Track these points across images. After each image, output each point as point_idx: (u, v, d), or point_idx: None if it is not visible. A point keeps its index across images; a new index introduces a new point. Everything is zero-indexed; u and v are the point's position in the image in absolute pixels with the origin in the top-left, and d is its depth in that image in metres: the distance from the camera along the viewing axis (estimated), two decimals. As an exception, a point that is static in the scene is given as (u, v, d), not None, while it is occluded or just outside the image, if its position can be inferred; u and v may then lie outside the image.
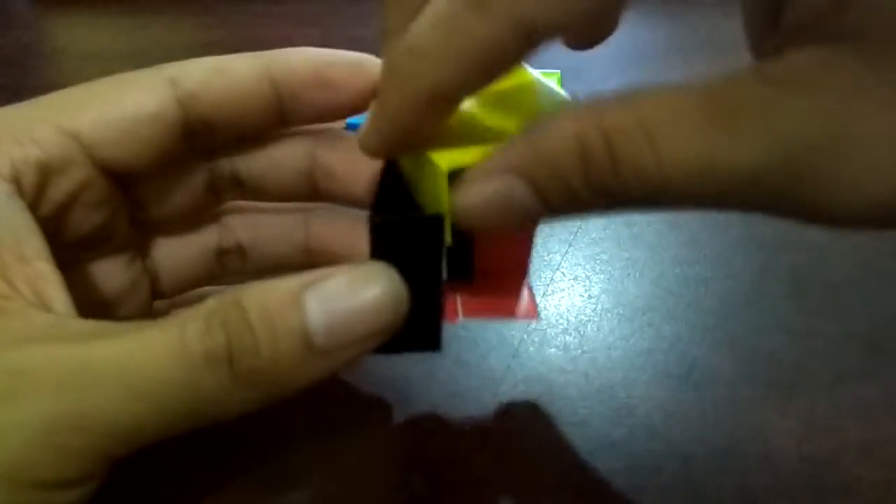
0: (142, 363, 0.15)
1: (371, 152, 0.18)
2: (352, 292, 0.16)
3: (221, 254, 0.24)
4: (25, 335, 0.15)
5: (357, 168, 0.22)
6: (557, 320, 0.28)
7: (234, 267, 0.24)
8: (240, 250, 0.24)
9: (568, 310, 0.28)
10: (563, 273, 0.30)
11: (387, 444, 0.24)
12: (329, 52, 0.21)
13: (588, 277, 0.30)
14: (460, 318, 0.21)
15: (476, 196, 0.16)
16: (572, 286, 0.29)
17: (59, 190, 0.19)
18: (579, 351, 0.27)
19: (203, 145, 0.21)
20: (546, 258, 0.31)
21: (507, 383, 0.25)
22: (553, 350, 0.27)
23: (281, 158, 0.22)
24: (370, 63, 0.21)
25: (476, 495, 0.22)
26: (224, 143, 0.22)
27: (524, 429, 0.24)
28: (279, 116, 0.21)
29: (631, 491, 0.22)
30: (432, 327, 0.20)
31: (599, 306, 0.28)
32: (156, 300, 0.23)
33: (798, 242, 0.31)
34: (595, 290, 0.29)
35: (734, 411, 0.25)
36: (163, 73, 0.20)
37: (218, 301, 0.16)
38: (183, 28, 0.47)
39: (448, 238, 0.18)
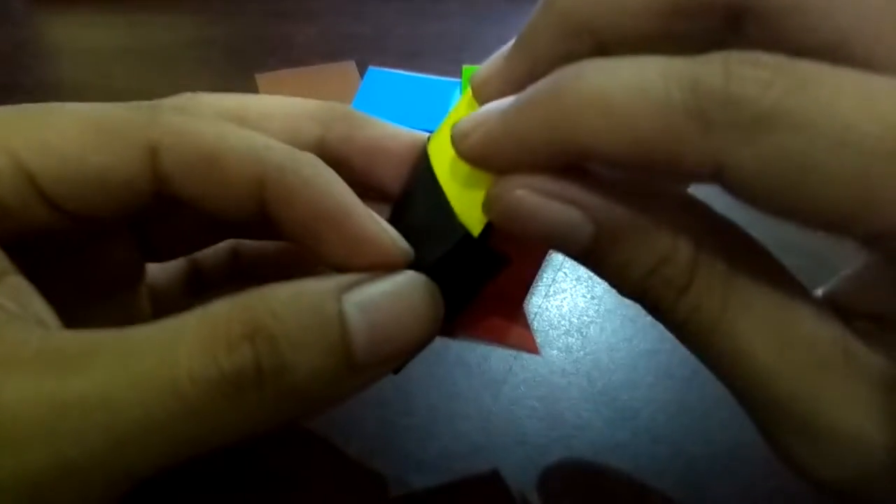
0: (126, 401, 0.13)
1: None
2: (394, 305, 0.15)
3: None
4: (3, 360, 0.13)
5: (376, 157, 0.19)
6: (559, 321, 0.28)
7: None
8: None
9: (570, 311, 0.28)
10: (565, 273, 0.30)
11: (386, 444, 0.23)
12: (337, 198, 0.16)
13: (591, 278, 0.29)
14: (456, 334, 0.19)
15: (531, 205, 0.15)
16: (574, 287, 0.29)
17: (22, 228, 0.16)
18: (582, 352, 0.26)
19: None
20: (548, 258, 0.31)
21: (509, 385, 0.25)
22: (555, 352, 0.26)
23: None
24: (374, 240, 0.16)
25: (476, 497, 0.22)
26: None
27: (525, 431, 0.24)
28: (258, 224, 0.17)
29: (635, 493, 0.22)
30: None
31: (602, 307, 0.28)
32: (148, 262, 0.22)
33: (800, 246, 0.30)
34: (598, 291, 0.29)
35: (739, 413, 0.24)
36: (148, 133, 0.16)
37: (236, 307, 0.14)
38: (180, 26, 0.47)
39: (477, 231, 0.16)
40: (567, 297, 0.29)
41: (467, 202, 0.16)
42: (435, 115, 0.36)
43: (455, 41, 0.46)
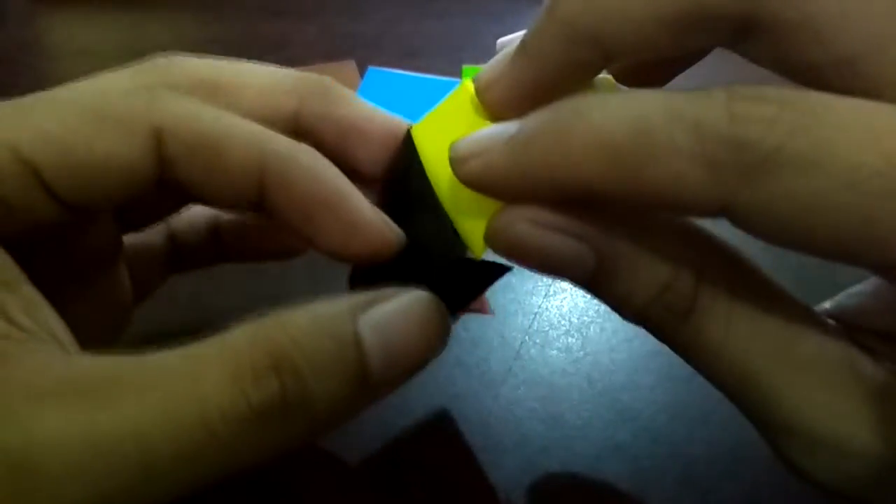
0: (157, 436, 0.13)
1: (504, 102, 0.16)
2: (405, 323, 0.15)
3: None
4: (28, 392, 0.13)
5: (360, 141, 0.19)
6: (559, 321, 0.27)
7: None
8: None
9: (570, 311, 0.28)
10: (564, 273, 0.30)
11: (386, 445, 0.23)
12: (333, 186, 0.17)
13: (590, 278, 0.29)
14: None
15: (534, 239, 0.15)
16: (574, 287, 0.29)
17: (23, 225, 0.16)
18: (582, 353, 0.26)
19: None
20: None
21: (508, 385, 0.25)
22: (555, 352, 0.26)
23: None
24: (369, 225, 0.17)
25: (476, 498, 0.22)
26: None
27: (525, 432, 0.24)
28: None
29: (635, 495, 0.22)
30: None
31: (602, 307, 0.28)
32: (125, 234, 0.21)
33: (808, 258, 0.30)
34: (597, 291, 0.29)
35: (739, 414, 0.24)
36: (151, 118, 0.16)
37: (257, 336, 0.14)
38: (180, 25, 0.46)
39: (480, 254, 0.16)
40: (567, 297, 0.29)
41: (466, 213, 0.16)
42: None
43: (455, 41, 0.46)
